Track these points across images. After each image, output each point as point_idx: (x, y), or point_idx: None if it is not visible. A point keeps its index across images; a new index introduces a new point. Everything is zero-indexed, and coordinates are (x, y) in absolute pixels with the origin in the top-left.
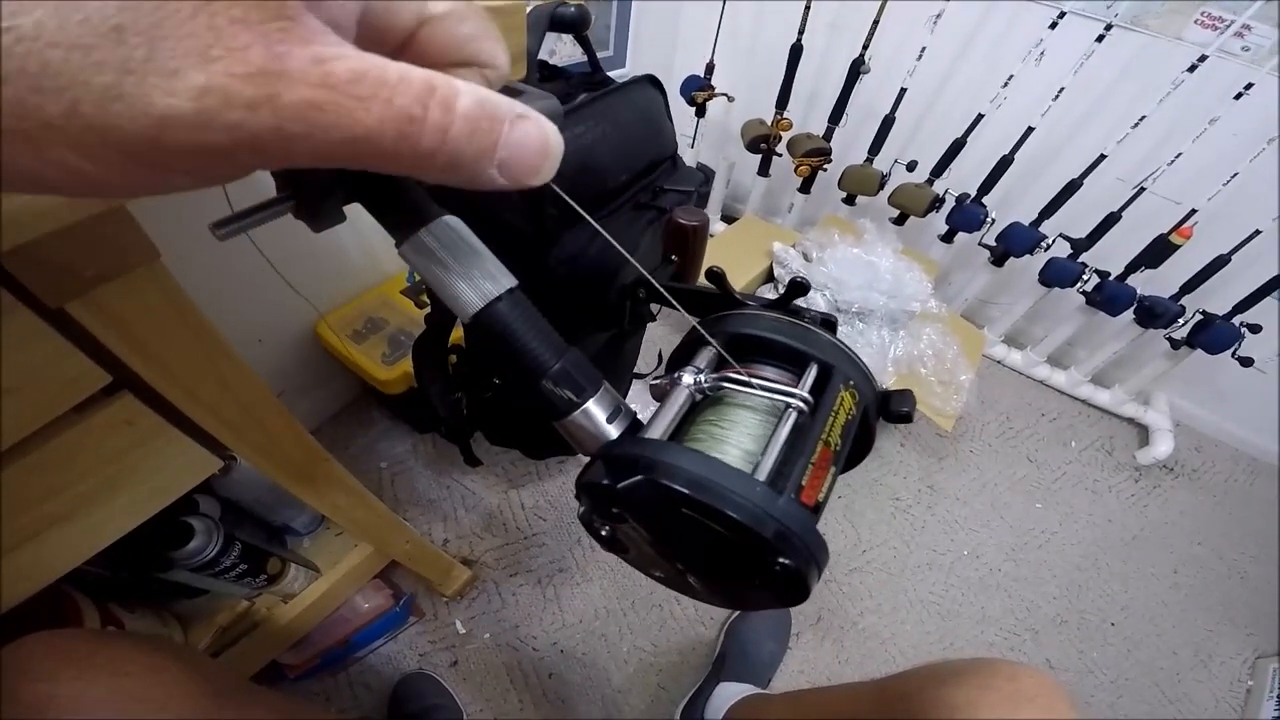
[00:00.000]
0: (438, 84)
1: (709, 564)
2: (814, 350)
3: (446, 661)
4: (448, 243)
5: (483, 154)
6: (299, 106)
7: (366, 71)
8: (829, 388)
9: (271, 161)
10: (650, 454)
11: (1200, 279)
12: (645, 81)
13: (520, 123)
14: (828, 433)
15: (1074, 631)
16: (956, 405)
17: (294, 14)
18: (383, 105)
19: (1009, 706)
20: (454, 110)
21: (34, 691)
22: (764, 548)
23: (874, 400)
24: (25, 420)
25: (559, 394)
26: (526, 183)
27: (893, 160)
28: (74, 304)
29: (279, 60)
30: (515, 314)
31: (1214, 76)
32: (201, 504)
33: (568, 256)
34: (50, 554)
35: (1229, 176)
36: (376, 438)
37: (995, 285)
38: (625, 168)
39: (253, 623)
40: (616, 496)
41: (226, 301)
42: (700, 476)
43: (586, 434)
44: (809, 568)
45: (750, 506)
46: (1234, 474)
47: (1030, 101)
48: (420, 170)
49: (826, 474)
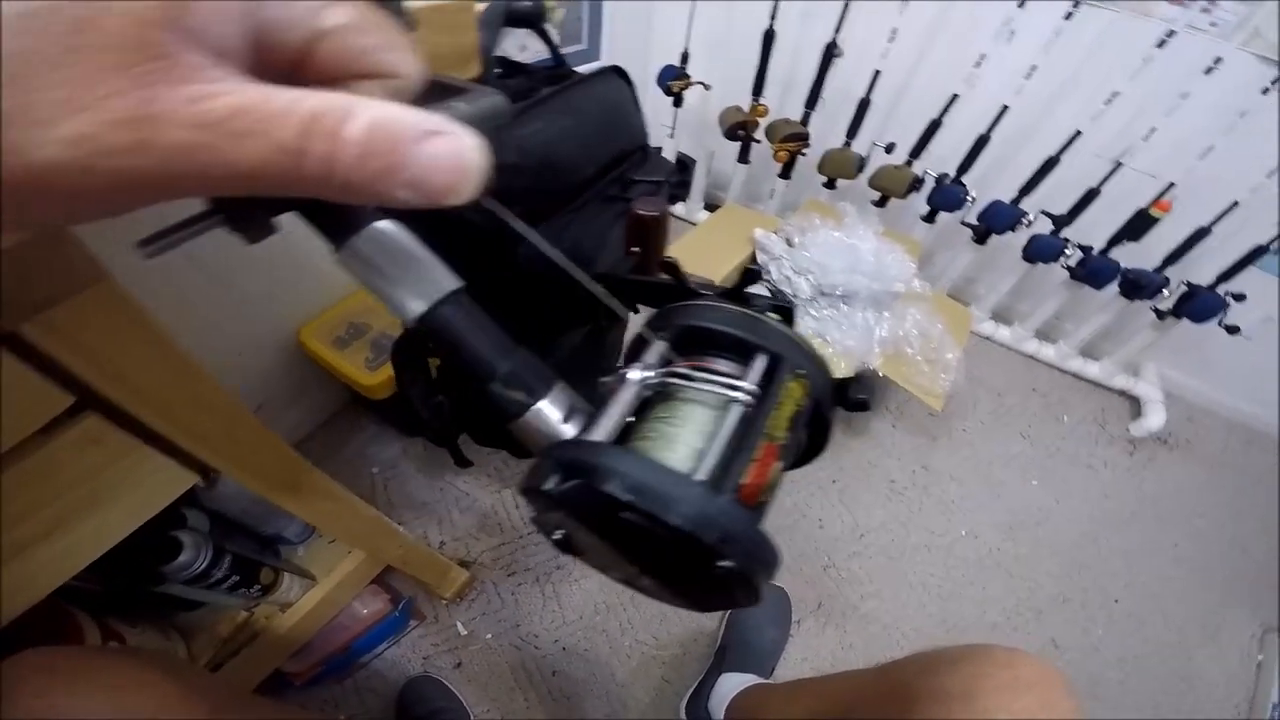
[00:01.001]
0: (324, 111)
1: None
2: (761, 339)
3: (450, 664)
4: (384, 248)
5: (381, 177)
6: (176, 148)
7: (245, 107)
8: (775, 378)
9: (161, 198)
10: (586, 457)
11: (1182, 251)
12: (610, 73)
13: (430, 140)
14: (772, 427)
15: (1078, 610)
16: (945, 384)
17: (168, 53)
18: (262, 140)
19: (1006, 695)
20: (340, 137)
21: (27, 708)
22: (702, 551)
23: (828, 389)
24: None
25: (509, 396)
26: (444, 201)
27: (871, 143)
28: (27, 327)
29: (149, 105)
30: (460, 316)
31: (1183, 52)
32: (190, 518)
33: (537, 253)
34: (34, 573)
35: (1204, 150)
36: (367, 443)
37: (979, 263)
38: (591, 160)
39: (253, 633)
40: (554, 501)
41: (205, 315)
42: (635, 480)
43: (541, 435)
44: (752, 568)
45: (685, 509)
46: (1228, 443)
47: (1004, 80)
48: (317, 194)
49: (770, 470)
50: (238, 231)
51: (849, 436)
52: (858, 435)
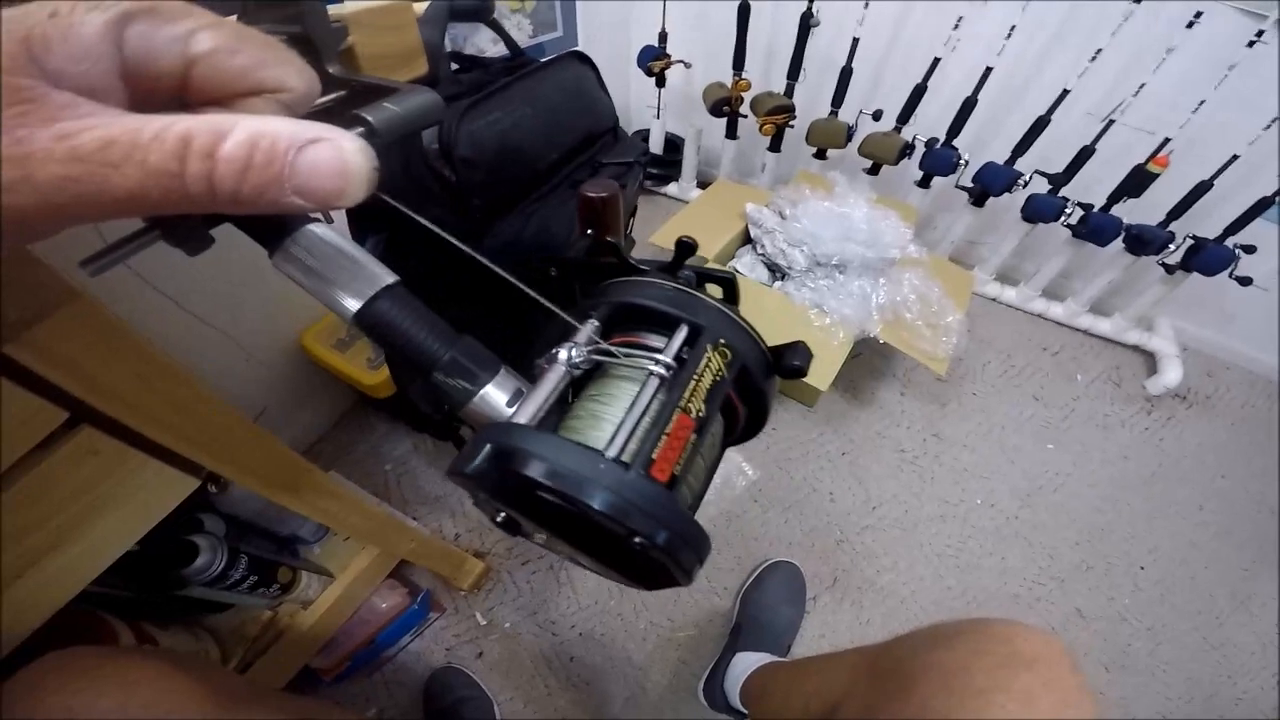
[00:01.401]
0: (196, 133)
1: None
2: (683, 312)
3: (472, 654)
4: (314, 250)
5: (268, 187)
6: (54, 182)
7: (115, 138)
8: (695, 348)
9: (55, 228)
10: (499, 438)
11: (1185, 205)
12: (570, 58)
13: (310, 149)
14: (687, 399)
15: (1101, 578)
16: (948, 348)
17: (34, 95)
18: (136, 167)
19: (1004, 672)
20: (216, 155)
21: (48, 706)
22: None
23: (760, 358)
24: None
25: (453, 384)
26: (333, 204)
27: (858, 111)
28: (12, 348)
29: (20, 144)
30: (396, 310)
31: (1162, 7)
32: (206, 522)
33: (503, 244)
34: (50, 582)
35: (1196, 104)
36: (378, 441)
37: (979, 225)
38: (554, 146)
39: (278, 631)
40: (471, 480)
41: (211, 323)
42: (543, 458)
43: (489, 420)
44: (671, 544)
45: (590, 486)
46: (1250, 398)
47: (985, 42)
48: (210, 210)
49: (683, 444)
50: (177, 245)
51: (856, 406)
52: (865, 405)
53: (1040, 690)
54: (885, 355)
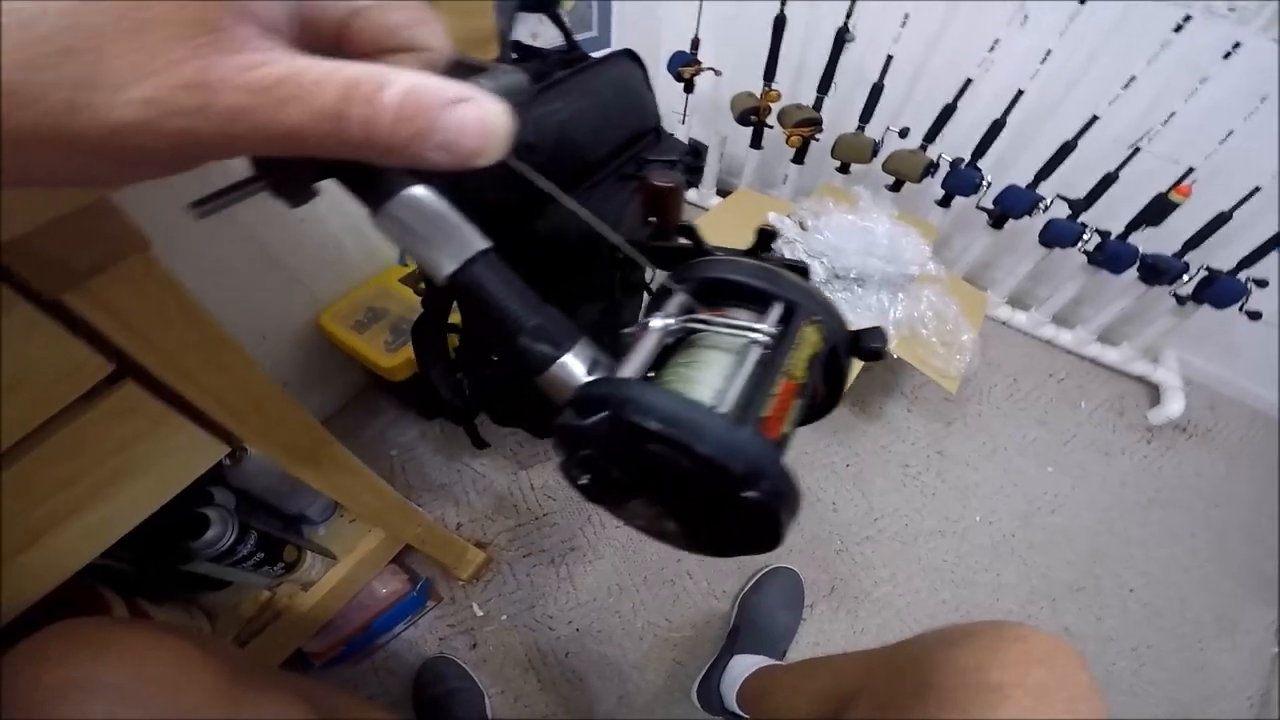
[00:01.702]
0: (361, 80)
1: (682, 504)
2: (778, 289)
3: (466, 644)
4: (418, 211)
5: (415, 139)
6: (231, 111)
7: (290, 76)
8: (792, 323)
9: (220, 155)
10: (613, 391)
11: (1202, 236)
12: (622, 56)
13: (456, 107)
14: (790, 366)
15: (1092, 598)
16: (960, 366)
17: (223, 26)
18: (302, 106)
19: (1018, 668)
20: (377, 103)
21: (53, 677)
22: (727, 479)
23: (844, 338)
24: (31, 413)
25: (536, 349)
26: (472, 163)
27: (885, 128)
28: (71, 295)
29: (208, 71)
30: (489, 274)
31: (1201, 36)
32: (216, 495)
33: (553, 228)
34: (69, 546)
35: (1224, 135)
36: (385, 426)
37: (996, 247)
38: (605, 140)
39: (275, 612)
40: (583, 434)
41: (228, 299)
42: (661, 409)
43: (566, 387)
44: (776, 501)
45: (710, 436)
46: (1249, 433)
47: (1018, 65)
48: (358, 156)
49: (790, 406)
50: (280, 196)
51: (864, 420)
52: (873, 420)
53: (1054, 686)
54: (894, 371)
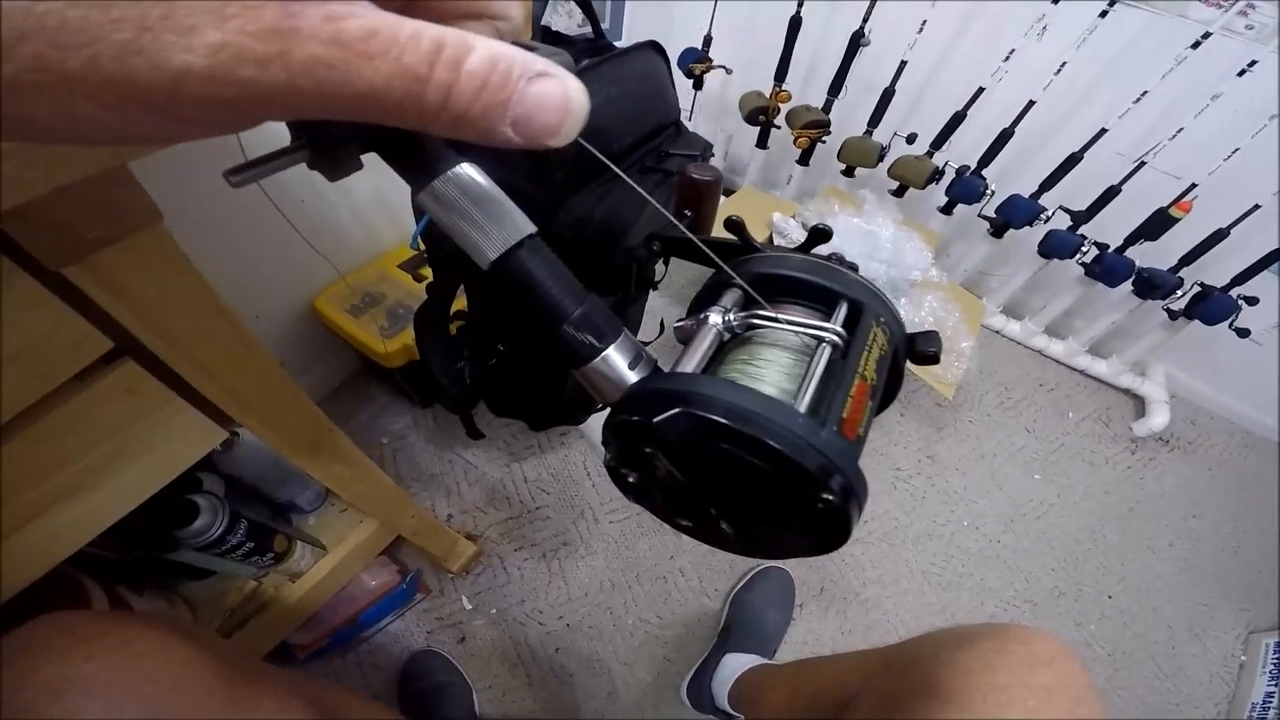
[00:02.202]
0: (448, 42)
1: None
2: (843, 288)
3: (454, 638)
4: (466, 190)
5: (491, 111)
6: (309, 63)
7: (378, 29)
8: (861, 323)
9: (281, 114)
10: (686, 387)
11: (1199, 252)
12: (648, 47)
13: (539, 81)
14: (864, 366)
15: (1072, 604)
16: (958, 373)
17: None
18: (391, 63)
19: (1024, 669)
20: (460, 68)
21: (46, 674)
22: (806, 482)
23: (902, 340)
24: (27, 389)
25: (581, 339)
26: (544, 143)
27: (892, 132)
28: (73, 269)
29: (292, 18)
30: (535, 260)
31: (1217, 54)
32: (205, 482)
33: (574, 220)
34: (60, 529)
35: (1230, 152)
36: (377, 413)
37: (994, 256)
38: (630, 131)
39: (261, 603)
40: (652, 432)
41: (222, 277)
42: (740, 406)
43: (608, 381)
44: (851, 504)
45: (793, 437)
46: (1229, 448)
47: (1032, 75)
48: (427, 126)
49: (865, 407)
50: (321, 167)
51: None
52: None
53: (1058, 687)
54: None
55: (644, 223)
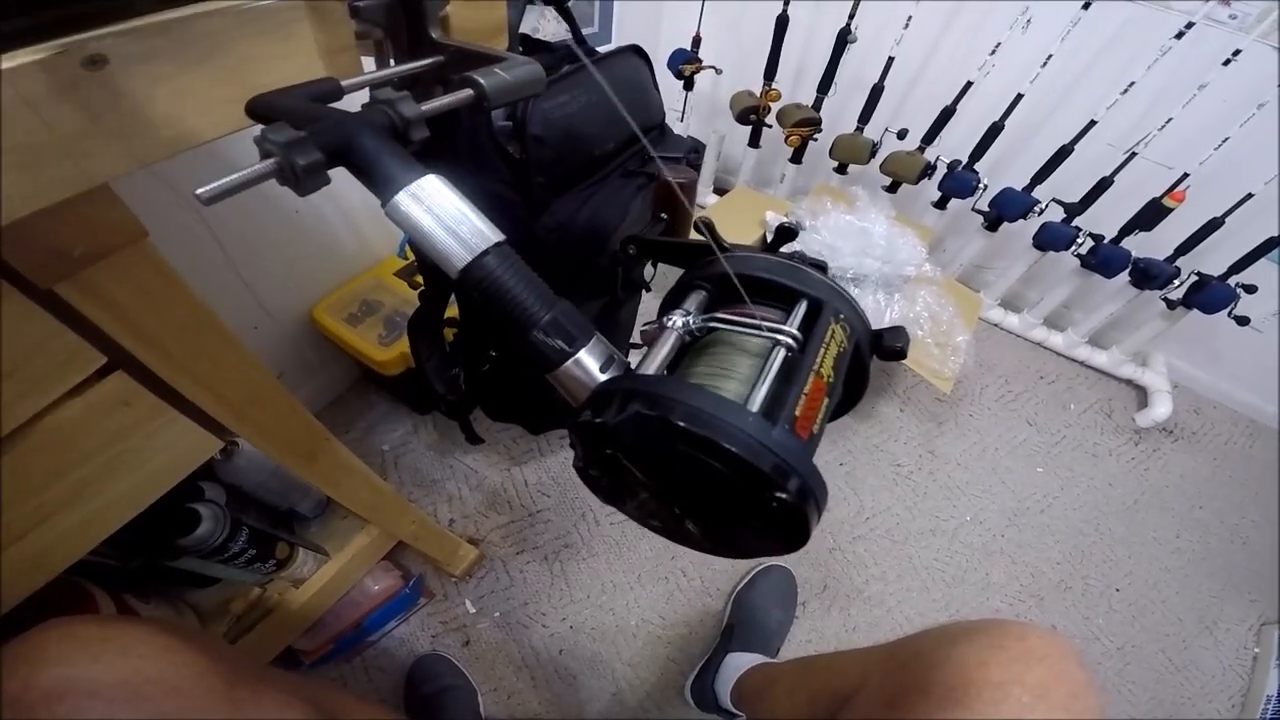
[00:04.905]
0: None
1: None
2: (802, 286)
3: (459, 642)
4: (431, 201)
5: None
6: None
7: None
8: (819, 321)
9: None
10: (641, 387)
11: (1194, 241)
12: (629, 51)
13: None
14: (819, 364)
15: (1078, 597)
16: (954, 367)
17: None
18: None
19: (1019, 666)
20: None
21: (49, 677)
22: (759, 481)
23: (867, 337)
24: (23, 404)
25: (550, 344)
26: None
27: (883, 129)
28: (63, 285)
29: None
30: (503, 267)
31: (1201, 43)
32: (207, 490)
33: (557, 224)
34: (58, 541)
35: (1220, 141)
36: (377, 421)
37: (990, 250)
38: (612, 136)
39: (265, 609)
40: (608, 433)
41: (222, 290)
42: (692, 407)
43: (580, 384)
44: (806, 502)
45: (744, 437)
46: (1233, 436)
47: (1019, 69)
48: None
49: (820, 405)
50: (287, 183)
51: (856, 420)
52: (865, 419)
53: (1053, 683)
54: (887, 371)
55: (627, 226)
